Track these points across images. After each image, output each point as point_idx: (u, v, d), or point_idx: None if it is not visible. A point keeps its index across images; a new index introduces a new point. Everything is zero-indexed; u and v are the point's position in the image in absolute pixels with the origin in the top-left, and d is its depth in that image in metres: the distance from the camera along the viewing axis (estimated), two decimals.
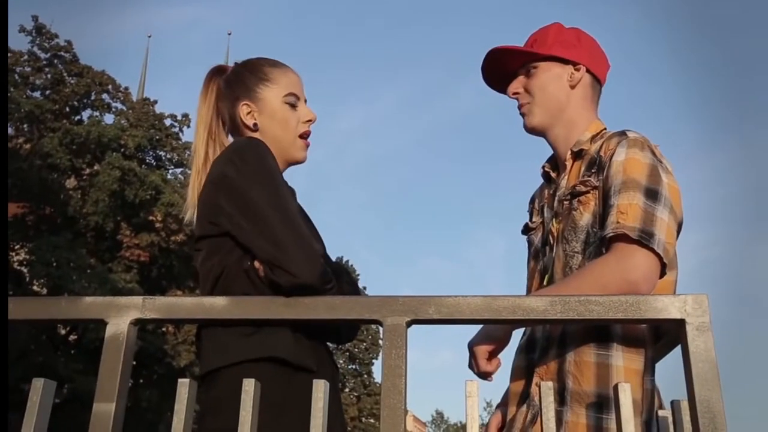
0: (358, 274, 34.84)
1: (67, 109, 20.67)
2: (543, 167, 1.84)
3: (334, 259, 1.61)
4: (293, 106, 1.62)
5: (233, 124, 1.64)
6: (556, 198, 1.71)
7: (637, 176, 1.51)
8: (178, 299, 1.23)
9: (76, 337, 18.08)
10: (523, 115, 1.79)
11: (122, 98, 22.06)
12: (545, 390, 1.02)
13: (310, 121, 1.64)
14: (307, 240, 1.37)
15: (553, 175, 1.79)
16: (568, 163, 1.71)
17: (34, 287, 17.42)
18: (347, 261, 34.60)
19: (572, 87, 1.74)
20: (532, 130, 1.79)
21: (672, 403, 1.15)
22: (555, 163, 1.81)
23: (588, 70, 1.75)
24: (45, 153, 18.17)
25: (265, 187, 1.41)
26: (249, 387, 1.05)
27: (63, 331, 18.05)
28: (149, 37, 62.00)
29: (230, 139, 1.68)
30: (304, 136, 1.64)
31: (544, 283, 1.66)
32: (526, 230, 1.85)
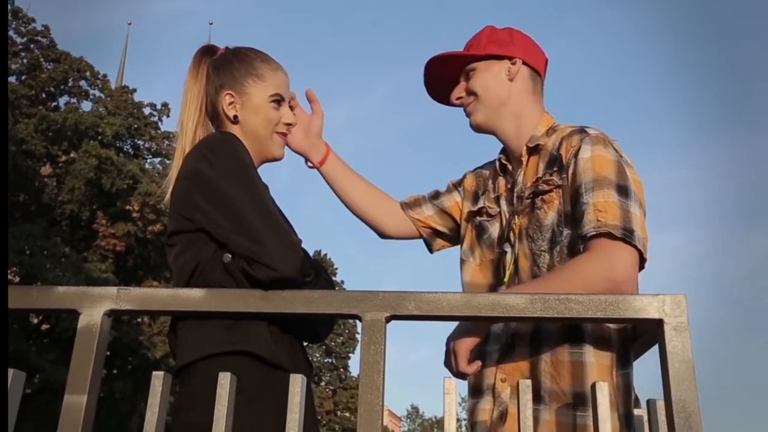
0: (336, 268, 34.83)
1: (44, 95, 20.37)
2: (499, 159, 1.83)
3: (311, 253, 1.60)
4: (277, 106, 1.61)
5: (214, 111, 1.62)
6: (515, 194, 1.71)
7: (606, 173, 1.52)
8: (153, 290, 1.21)
9: (48, 326, 17.85)
10: (468, 114, 1.82)
11: (100, 85, 21.80)
12: (523, 389, 1.02)
13: (290, 125, 1.64)
14: (285, 232, 1.36)
15: (509, 167, 1.80)
16: (524, 159, 1.72)
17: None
18: (326, 254, 34.57)
19: (511, 80, 1.77)
20: (478, 128, 1.81)
21: (648, 402, 1.15)
22: (509, 155, 1.81)
23: (525, 63, 1.78)
24: (20, 139, 17.88)
25: (240, 181, 1.40)
26: (225, 381, 1.04)
27: (35, 321, 17.81)
28: (129, 24, 61.20)
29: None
30: (282, 135, 1.63)
31: (506, 279, 1.65)
32: (479, 213, 1.82)
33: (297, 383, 1.03)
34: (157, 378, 1.05)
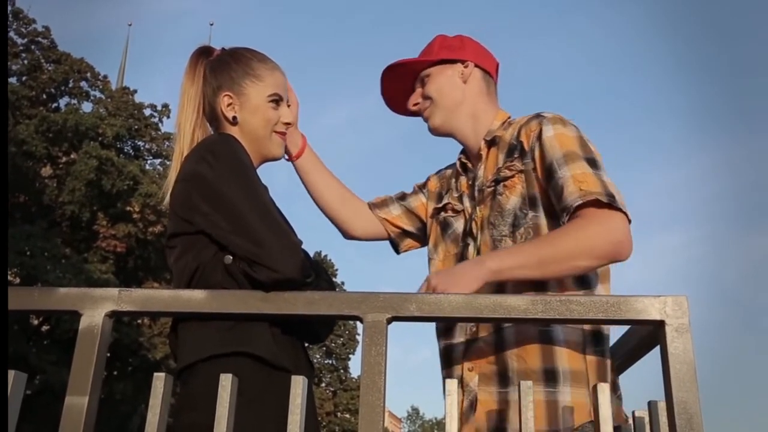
0: (337, 269, 34.82)
1: (44, 96, 20.38)
2: (459, 159, 1.87)
3: (311, 254, 1.60)
4: (275, 106, 1.61)
5: (212, 113, 1.62)
6: (476, 188, 1.74)
7: (573, 148, 1.57)
8: (155, 291, 1.21)
9: (49, 327, 17.84)
10: (426, 119, 1.85)
11: (101, 86, 21.80)
12: (525, 390, 1.02)
13: (288, 124, 1.64)
14: (285, 233, 1.36)
15: (469, 165, 1.83)
16: (483, 152, 1.76)
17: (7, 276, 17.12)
18: (326, 256, 34.55)
19: (465, 82, 1.81)
20: (436, 131, 1.85)
21: (649, 403, 1.15)
22: (469, 155, 1.84)
23: (477, 66, 1.82)
24: (20, 140, 17.87)
25: (240, 183, 1.40)
26: (226, 382, 1.04)
27: (35, 322, 17.80)
28: (130, 25, 61.42)
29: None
30: (280, 134, 1.63)
31: None
32: (443, 209, 1.84)
33: (298, 385, 1.03)
34: (159, 379, 1.05)
